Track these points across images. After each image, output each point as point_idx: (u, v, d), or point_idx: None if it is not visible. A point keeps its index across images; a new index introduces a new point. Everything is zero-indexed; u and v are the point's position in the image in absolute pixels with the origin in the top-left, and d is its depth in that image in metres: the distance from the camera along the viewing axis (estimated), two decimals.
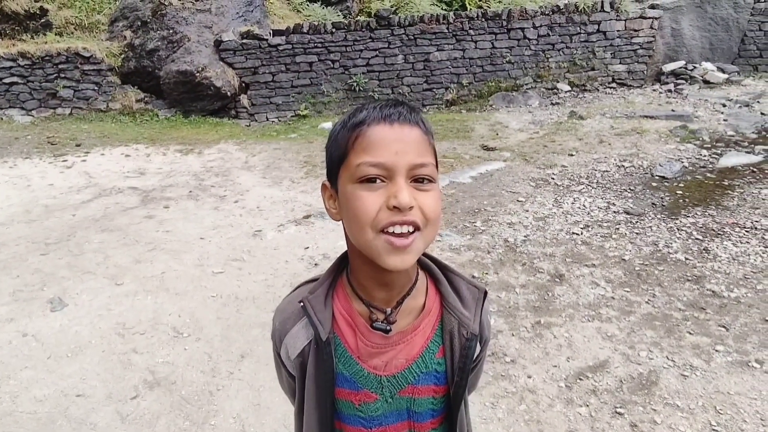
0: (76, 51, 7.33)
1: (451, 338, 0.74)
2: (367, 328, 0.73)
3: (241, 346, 2.52)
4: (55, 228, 3.99)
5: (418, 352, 0.74)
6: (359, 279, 0.73)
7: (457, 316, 0.74)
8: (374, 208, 0.63)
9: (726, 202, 4.05)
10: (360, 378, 0.74)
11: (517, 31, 8.04)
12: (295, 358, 0.76)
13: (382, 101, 0.69)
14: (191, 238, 3.79)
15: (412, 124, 0.66)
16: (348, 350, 0.74)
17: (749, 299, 2.72)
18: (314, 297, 0.74)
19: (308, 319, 0.73)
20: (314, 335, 0.73)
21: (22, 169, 5.41)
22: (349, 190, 0.66)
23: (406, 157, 0.64)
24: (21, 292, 3.04)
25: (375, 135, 0.64)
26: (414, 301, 0.74)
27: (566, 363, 2.31)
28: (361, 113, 0.67)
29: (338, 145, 0.69)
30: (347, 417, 0.76)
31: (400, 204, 0.62)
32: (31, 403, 2.15)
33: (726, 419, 1.95)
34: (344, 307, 0.75)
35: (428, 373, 0.74)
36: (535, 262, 3.23)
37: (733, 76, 8.20)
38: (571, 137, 6.06)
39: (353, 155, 0.66)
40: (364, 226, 0.64)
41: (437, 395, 0.76)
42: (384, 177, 0.64)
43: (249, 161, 5.75)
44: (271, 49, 7.57)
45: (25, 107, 7.29)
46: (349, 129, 0.67)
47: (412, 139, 0.65)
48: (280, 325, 0.78)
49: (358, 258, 0.70)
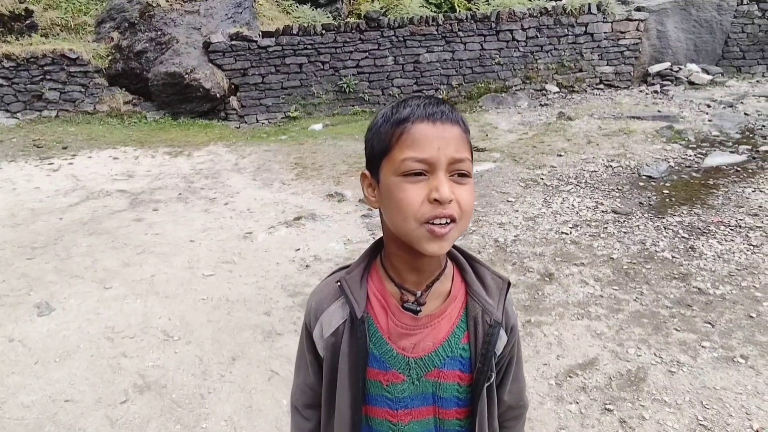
0: (62, 52, 7.25)
1: (476, 324, 0.78)
2: (398, 309, 0.77)
3: (232, 348, 2.51)
4: (42, 232, 3.94)
5: (444, 336, 0.77)
6: (393, 262, 0.78)
7: (481, 303, 0.78)
8: (418, 200, 0.68)
9: (711, 201, 4.12)
10: (389, 358, 0.77)
11: (506, 33, 8.12)
12: (328, 337, 0.79)
13: (424, 98, 0.73)
14: (181, 240, 3.76)
15: (453, 122, 0.71)
16: (379, 330, 0.77)
17: (734, 296, 2.77)
18: (351, 277, 0.78)
19: (345, 297, 0.77)
20: (350, 313, 0.77)
21: (7, 173, 5.33)
22: (394, 182, 0.70)
23: (447, 152, 0.68)
24: (7, 296, 2.99)
25: (419, 132, 0.69)
26: (442, 286, 0.78)
27: (556, 361, 2.33)
28: (405, 110, 0.71)
29: (381, 138, 0.73)
30: (374, 398, 0.79)
31: (441, 197, 0.67)
32: (19, 409, 2.11)
33: (712, 414, 1.98)
34: (378, 288, 0.79)
35: (454, 357, 0.78)
36: (525, 262, 3.26)
37: (717, 77, 8.35)
38: (560, 138, 6.12)
39: (398, 150, 0.70)
40: (408, 216, 0.68)
41: (462, 383, 0.79)
42: (426, 171, 0.68)
43: (239, 163, 5.73)
44: (260, 51, 7.55)
45: (10, 109, 7.19)
46: (392, 124, 0.71)
47: (453, 136, 0.70)
48: (316, 304, 0.81)
49: (394, 243, 0.75)
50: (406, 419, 0.78)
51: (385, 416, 0.79)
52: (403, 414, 0.78)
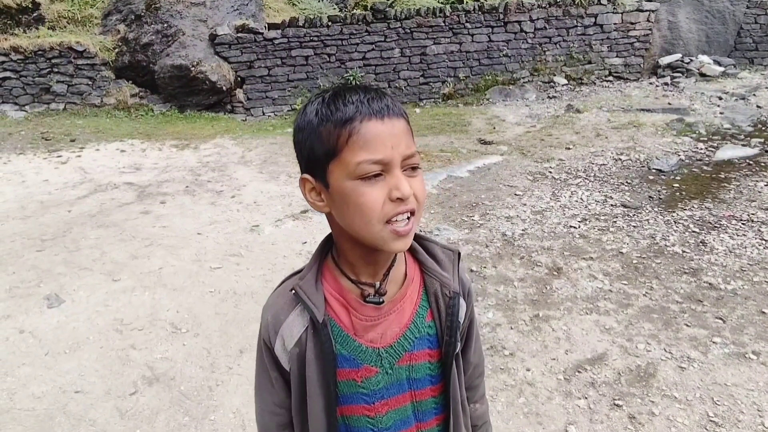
0: (69, 45, 7.26)
1: (437, 299, 0.79)
2: (359, 303, 0.76)
3: (239, 341, 2.52)
4: (51, 224, 3.96)
5: (409, 319, 0.78)
6: (348, 259, 0.76)
7: (437, 278, 0.79)
8: (379, 201, 0.67)
9: (722, 195, 4.06)
10: (359, 354, 0.76)
11: (514, 25, 8.02)
12: (292, 348, 0.76)
13: (361, 91, 0.69)
14: (188, 233, 3.77)
15: (398, 115, 0.69)
16: (343, 329, 0.76)
17: (746, 291, 2.74)
18: (305, 282, 0.76)
19: (303, 304, 0.75)
20: (310, 319, 0.75)
21: (17, 165, 5.37)
22: (350, 187, 0.67)
23: (399, 150, 0.67)
24: (17, 288, 3.02)
25: (370, 132, 0.66)
26: (397, 271, 0.78)
27: (565, 356, 2.32)
28: (348, 107, 0.67)
29: (322, 140, 0.68)
30: (349, 397, 0.77)
31: (403, 195, 0.66)
32: (29, 400, 2.14)
33: (723, 410, 1.96)
34: (334, 288, 0.77)
35: (421, 337, 0.78)
36: (533, 256, 3.24)
37: (729, 69, 8.21)
38: (568, 131, 6.06)
39: (348, 153, 0.66)
40: (371, 219, 0.67)
41: (432, 359, 0.79)
42: (382, 171, 0.67)
43: (245, 156, 5.72)
44: (266, 43, 7.52)
45: (18, 102, 7.22)
46: (336, 124, 0.67)
47: (400, 130, 0.69)
48: (273, 318, 0.78)
49: (347, 241, 0.74)
50: (384, 410, 0.78)
51: (363, 412, 0.78)
52: (380, 405, 0.77)
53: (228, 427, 1.99)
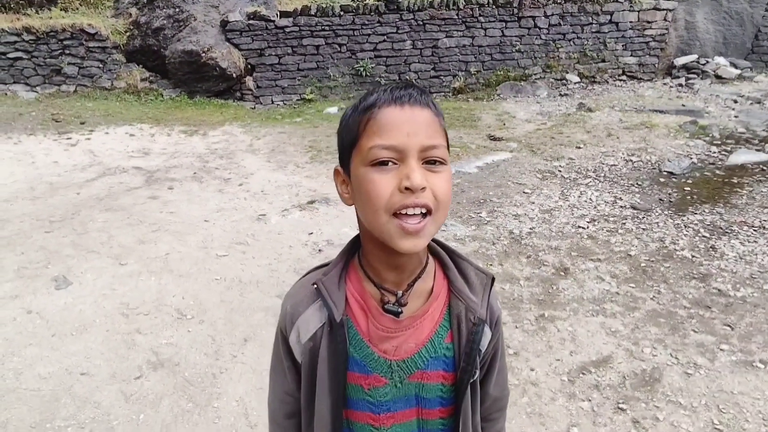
0: (81, 27, 7.24)
1: (459, 323, 0.74)
2: (378, 311, 0.73)
3: (244, 330, 2.52)
4: (60, 206, 3.98)
5: (427, 337, 0.74)
6: (371, 262, 0.73)
7: (464, 300, 0.74)
8: (387, 190, 0.63)
9: (734, 200, 4.01)
10: (370, 362, 0.74)
11: (528, 20, 7.92)
12: (306, 342, 0.75)
13: (392, 84, 0.69)
14: (195, 220, 3.78)
15: (422, 105, 0.65)
16: (359, 333, 0.74)
17: (755, 299, 2.71)
18: (328, 279, 0.74)
19: (322, 300, 0.73)
20: (328, 317, 0.73)
21: (27, 146, 5.39)
22: (362, 174, 0.65)
23: (417, 139, 0.63)
24: (26, 269, 3.04)
25: (386, 117, 0.64)
26: (423, 285, 0.74)
27: (569, 357, 2.31)
28: (372, 96, 0.67)
29: (349, 129, 0.68)
30: (356, 402, 0.75)
31: (412, 185, 0.62)
32: (36, 381, 2.16)
33: (728, 418, 1.95)
34: (357, 290, 0.75)
35: (437, 358, 0.74)
36: (540, 255, 3.22)
37: (746, 72, 8.08)
38: (579, 129, 6.00)
39: (365, 138, 0.65)
40: (378, 209, 0.64)
41: (446, 382, 0.75)
42: (396, 159, 0.63)
43: (254, 144, 5.71)
44: (277, 31, 7.47)
45: (30, 83, 7.24)
46: (360, 112, 0.67)
47: (423, 120, 0.65)
48: (291, 308, 0.77)
49: (370, 241, 0.71)
50: (389, 423, 0.75)
51: (367, 420, 0.76)
52: (386, 418, 0.75)
53: (231, 415, 2.00)
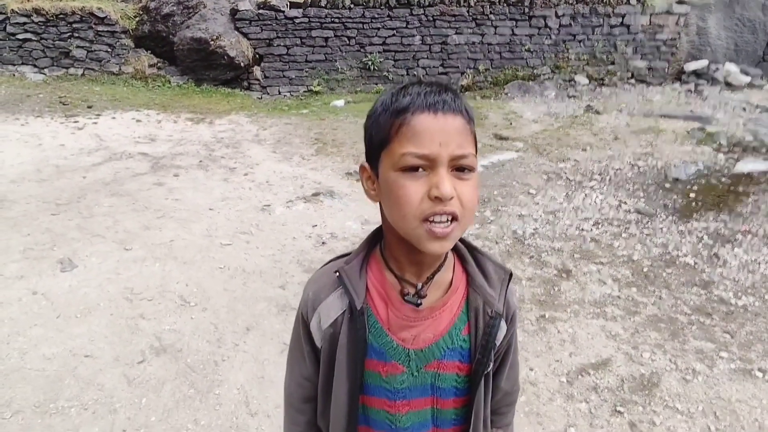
0: (90, 11, 7.22)
1: (476, 316, 0.77)
2: (399, 300, 0.75)
3: (246, 318, 2.54)
4: (66, 189, 4.00)
5: (445, 328, 0.76)
6: (393, 254, 0.75)
7: (482, 294, 0.77)
8: (417, 197, 0.65)
9: (739, 209, 4.01)
10: (389, 349, 0.76)
11: (539, 19, 7.87)
12: (326, 328, 0.77)
13: (426, 85, 0.68)
14: (200, 208, 3.79)
15: (455, 113, 0.67)
16: (379, 321, 0.76)
17: (756, 308, 2.72)
18: (350, 267, 0.76)
19: (344, 288, 0.75)
20: (349, 304, 0.75)
21: (34, 128, 5.40)
22: (392, 178, 0.67)
23: (449, 149, 0.65)
24: (31, 250, 3.06)
25: (420, 125, 0.65)
26: (443, 277, 0.76)
27: (569, 358, 2.32)
28: (405, 98, 0.67)
29: (380, 128, 0.69)
30: (373, 388, 0.78)
31: (442, 195, 0.64)
32: (40, 361, 2.18)
33: (725, 425, 1.96)
34: (377, 279, 0.77)
35: (454, 349, 0.77)
36: (543, 256, 3.22)
37: (756, 80, 8.04)
38: (586, 132, 5.98)
39: (397, 143, 0.66)
40: (407, 214, 0.66)
41: (461, 373, 0.78)
42: (426, 167, 0.65)
43: (260, 134, 5.72)
44: (287, 22, 7.44)
45: (38, 65, 7.23)
46: (392, 114, 0.67)
47: (455, 129, 0.66)
48: (314, 294, 0.79)
49: (393, 235, 0.73)
50: (404, 410, 0.78)
51: (383, 407, 0.78)
52: (401, 405, 0.77)
53: (232, 402, 2.03)
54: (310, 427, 0.87)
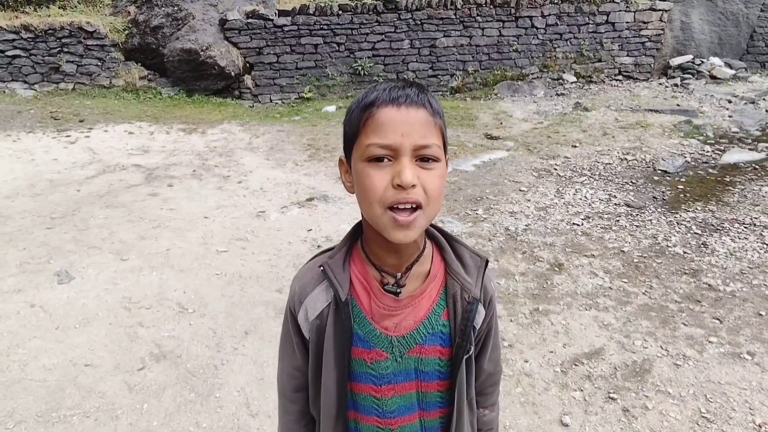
0: (79, 25, 7.26)
1: (455, 302, 0.80)
2: (380, 291, 0.79)
3: (245, 323, 2.57)
4: (60, 202, 4.01)
5: (424, 315, 0.80)
6: (372, 246, 0.79)
7: (459, 281, 0.80)
8: (381, 185, 0.69)
9: (726, 198, 4.08)
10: (373, 337, 0.79)
11: (525, 20, 7.97)
12: (313, 320, 0.81)
13: (393, 82, 0.73)
14: (195, 216, 3.82)
15: (418, 105, 0.70)
16: (363, 311, 0.79)
17: (744, 293, 2.77)
18: (333, 261, 0.80)
19: (328, 281, 0.79)
20: (334, 296, 0.79)
21: (26, 143, 5.41)
22: (360, 168, 0.71)
23: (411, 139, 0.68)
24: (28, 264, 3.08)
25: (383, 117, 0.69)
26: (421, 267, 0.80)
27: (562, 349, 2.37)
28: (373, 94, 0.72)
29: (352, 123, 0.74)
30: (359, 375, 0.81)
31: (402, 182, 0.67)
32: (41, 371, 2.20)
33: (715, 407, 2.01)
34: (360, 272, 0.80)
35: (434, 334, 0.80)
36: (535, 251, 3.27)
37: (740, 73, 8.16)
38: (575, 129, 6.06)
39: (363, 135, 0.71)
40: (372, 202, 0.69)
41: (443, 357, 0.81)
42: (391, 156, 0.69)
43: (252, 142, 5.75)
44: (276, 30, 7.51)
45: (28, 81, 7.25)
46: (361, 109, 0.72)
47: (418, 120, 0.69)
48: (300, 289, 0.83)
49: (371, 228, 0.76)
50: (390, 394, 0.81)
51: (369, 392, 0.81)
52: (387, 389, 0.81)
53: (233, 405, 2.05)
54: (302, 415, 0.90)
